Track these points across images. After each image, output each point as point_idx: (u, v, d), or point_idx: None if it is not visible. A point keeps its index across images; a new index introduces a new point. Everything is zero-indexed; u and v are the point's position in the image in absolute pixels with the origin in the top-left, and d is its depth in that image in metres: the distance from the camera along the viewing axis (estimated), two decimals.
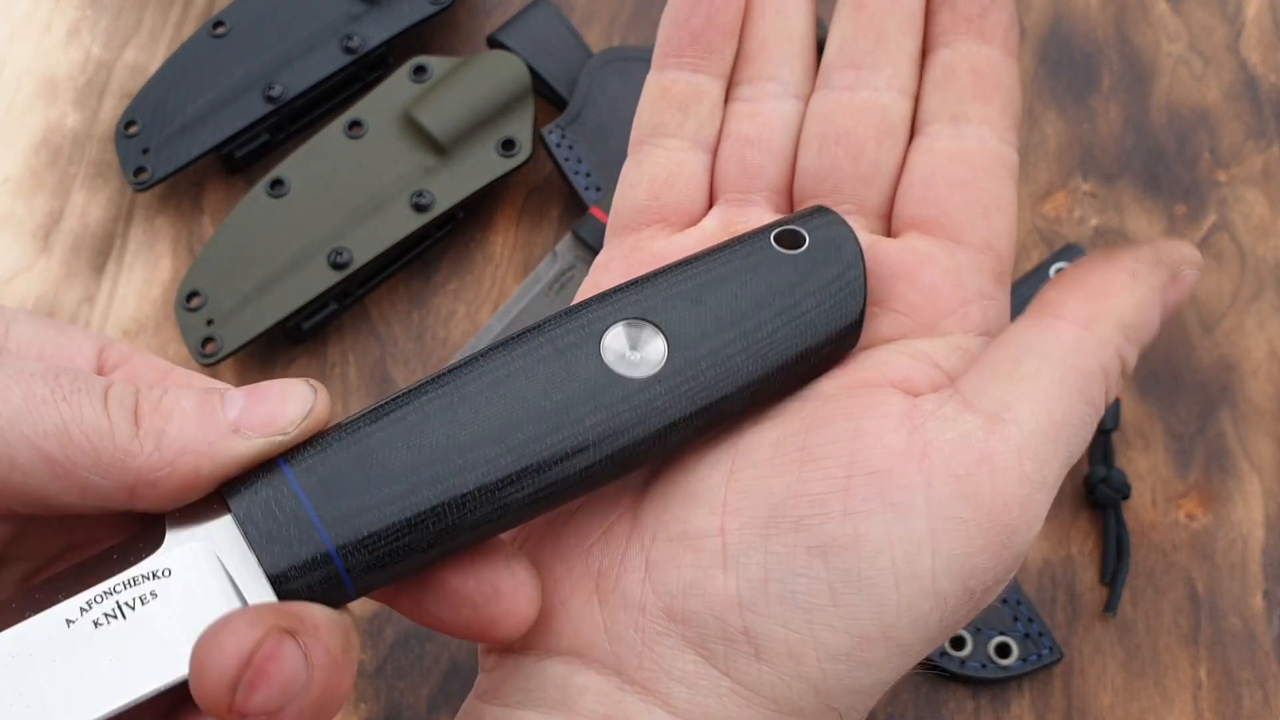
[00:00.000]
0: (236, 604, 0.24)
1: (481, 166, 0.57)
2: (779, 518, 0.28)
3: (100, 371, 0.28)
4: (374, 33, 0.60)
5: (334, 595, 0.25)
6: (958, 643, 0.49)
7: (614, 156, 0.58)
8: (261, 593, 0.24)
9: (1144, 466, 0.53)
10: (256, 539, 0.24)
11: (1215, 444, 0.53)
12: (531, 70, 0.59)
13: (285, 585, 0.25)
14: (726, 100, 0.37)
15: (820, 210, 0.32)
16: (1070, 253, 0.52)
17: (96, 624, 0.23)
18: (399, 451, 0.26)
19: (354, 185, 0.56)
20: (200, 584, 0.24)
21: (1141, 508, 0.52)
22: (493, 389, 0.27)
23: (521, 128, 0.58)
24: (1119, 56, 0.62)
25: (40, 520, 0.26)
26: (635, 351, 0.29)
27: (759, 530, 0.28)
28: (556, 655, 0.29)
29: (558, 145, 0.58)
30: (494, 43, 0.60)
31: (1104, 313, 0.30)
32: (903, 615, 0.28)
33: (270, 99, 0.58)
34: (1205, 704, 0.49)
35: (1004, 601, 0.50)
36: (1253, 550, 0.51)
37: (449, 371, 0.27)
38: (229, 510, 0.25)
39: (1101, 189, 0.59)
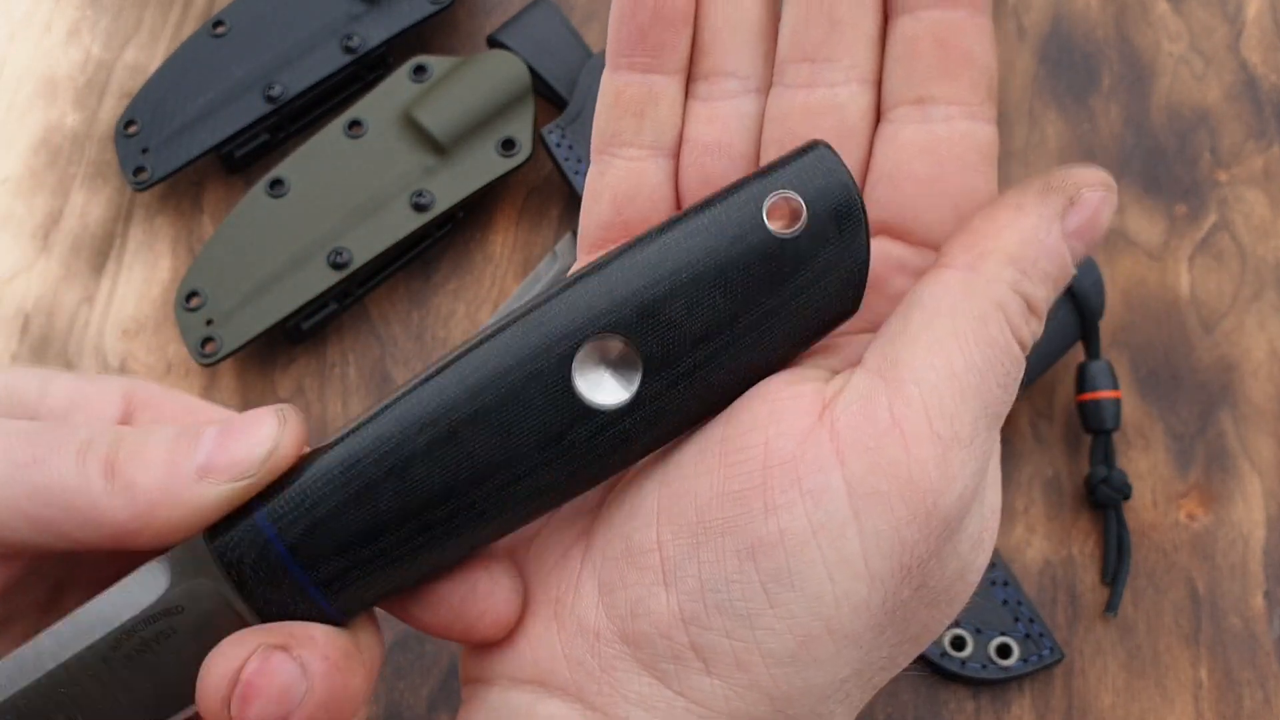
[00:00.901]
0: (248, 621, 0.26)
1: (481, 166, 0.57)
2: (707, 523, 0.27)
3: (127, 414, 0.29)
4: (374, 32, 0.60)
5: (323, 620, 0.26)
6: (958, 643, 0.49)
7: None
8: (259, 623, 0.26)
9: (1144, 466, 0.53)
10: (240, 581, 0.25)
11: (1216, 444, 0.53)
12: (531, 70, 0.59)
13: (274, 616, 0.26)
14: (686, 96, 0.35)
15: (817, 152, 0.27)
16: None
17: (128, 657, 0.25)
18: (357, 493, 0.25)
19: (354, 185, 0.56)
20: (212, 617, 0.26)
21: (1142, 508, 0.52)
22: (450, 426, 0.25)
23: (521, 127, 0.58)
24: (1119, 56, 0.62)
25: (43, 557, 0.27)
26: (607, 372, 0.26)
27: (690, 539, 0.28)
28: (522, 684, 0.29)
29: (558, 145, 0.58)
30: (494, 42, 0.60)
31: (989, 251, 0.29)
32: (841, 605, 0.27)
33: (270, 99, 0.58)
34: (1206, 704, 0.49)
35: (1004, 602, 0.50)
36: (1253, 550, 0.51)
37: (415, 393, 0.26)
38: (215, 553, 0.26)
39: None
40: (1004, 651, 0.49)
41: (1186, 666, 0.50)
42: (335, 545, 0.25)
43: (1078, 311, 0.51)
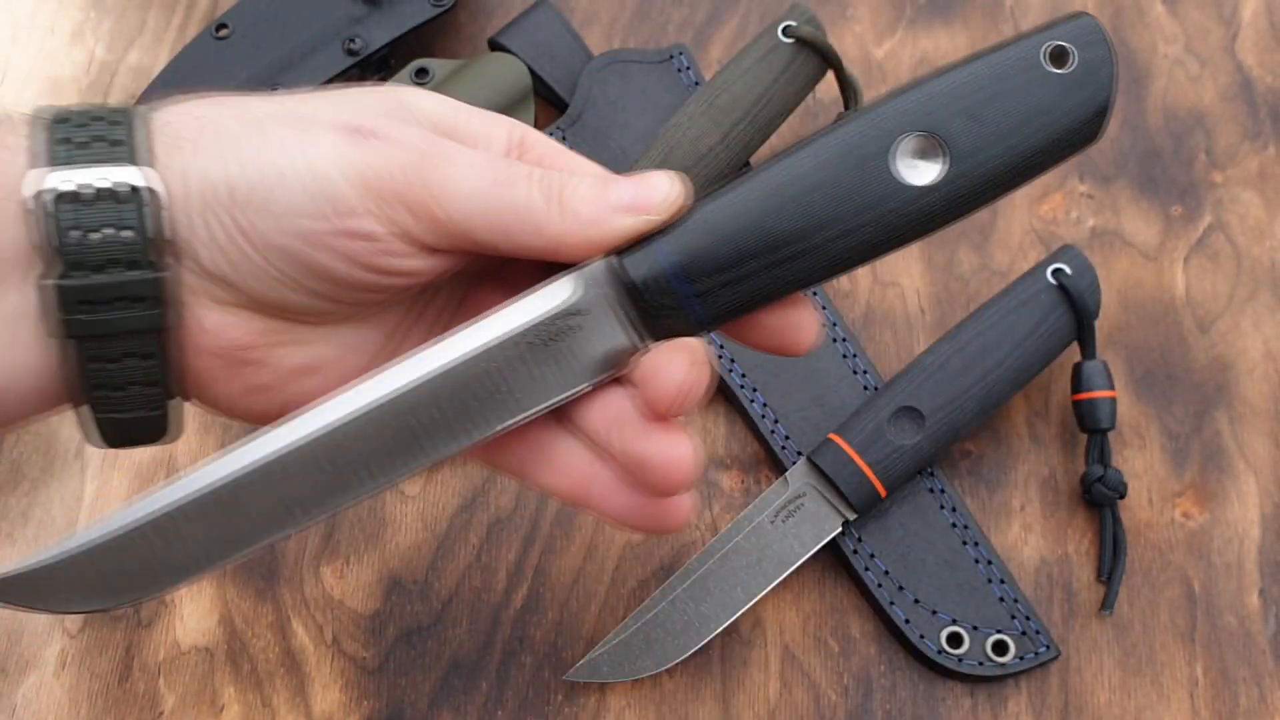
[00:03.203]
0: (625, 337, 0.35)
1: None
2: None
3: (519, 148, 0.37)
4: (376, 35, 0.60)
5: (685, 329, 0.35)
6: (955, 640, 0.49)
7: (615, 158, 0.58)
8: (642, 330, 0.35)
9: (1140, 466, 0.53)
10: (633, 290, 0.35)
11: (1211, 443, 0.54)
12: (532, 72, 0.59)
13: (658, 323, 0.35)
14: None
15: (1083, 21, 0.34)
16: (1067, 254, 0.52)
17: (545, 344, 0.34)
18: (736, 230, 0.34)
19: None
20: (604, 320, 0.35)
21: (1138, 506, 0.53)
22: (801, 187, 0.34)
23: None
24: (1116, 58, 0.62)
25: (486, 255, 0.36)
26: (921, 160, 0.34)
27: None
28: None
29: None
30: (495, 45, 0.61)
31: None
32: None
33: None
34: (1202, 701, 0.49)
35: (1001, 600, 0.50)
36: (1249, 549, 0.52)
37: (774, 164, 0.35)
38: (620, 268, 0.35)
39: (1098, 190, 0.59)
40: (1000, 649, 0.49)
41: (1182, 664, 0.50)
42: (711, 268, 0.34)
43: (1073, 312, 0.51)
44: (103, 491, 0.53)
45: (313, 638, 0.50)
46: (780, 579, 0.49)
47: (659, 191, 0.35)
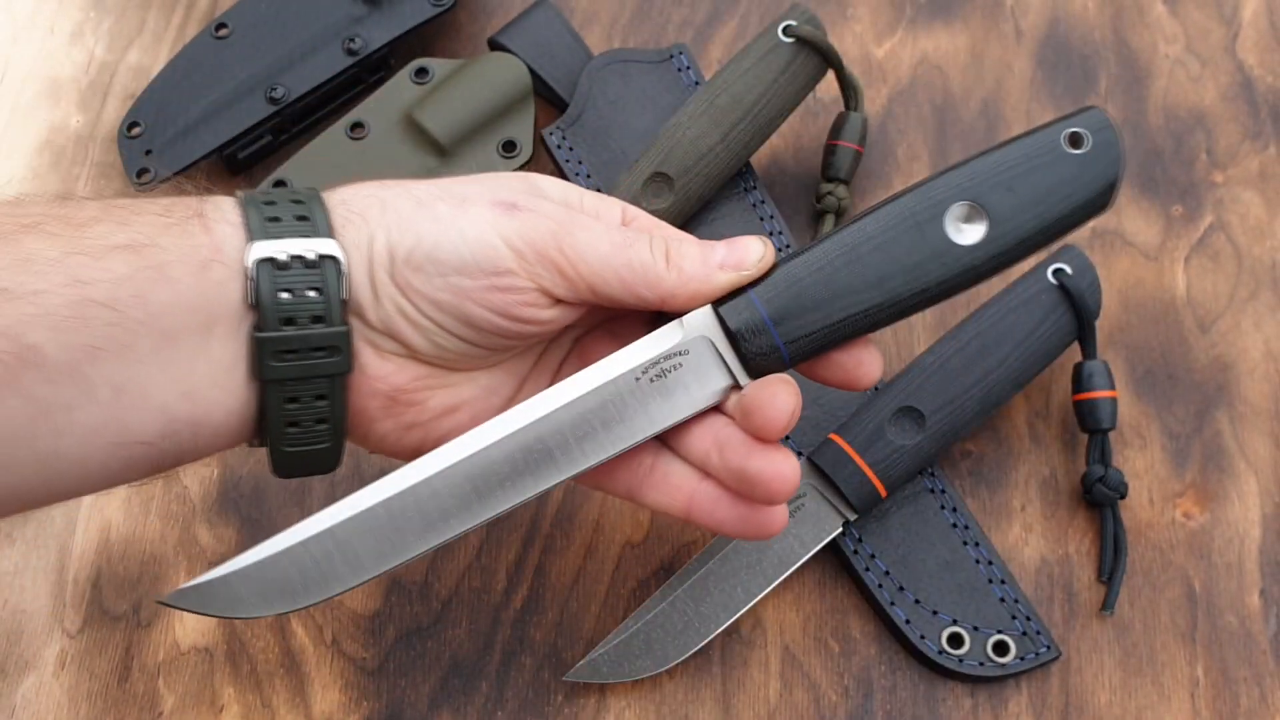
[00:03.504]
0: (725, 373, 0.41)
1: (482, 168, 0.57)
2: None
3: (626, 223, 0.44)
4: (376, 35, 0.60)
5: (781, 358, 0.41)
6: (956, 641, 0.49)
7: (614, 158, 0.58)
8: (737, 367, 0.41)
9: (1141, 466, 0.53)
10: (730, 335, 0.41)
11: (1212, 443, 0.54)
12: (532, 72, 0.59)
13: (751, 362, 0.41)
14: None
15: (1093, 113, 0.41)
16: (1068, 253, 0.52)
17: (652, 380, 0.41)
18: (815, 283, 0.41)
19: None
20: (704, 359, 0.41)
21: (1139, 506, 0.53)
22: (869, 247, 0.41)
23: (522, 129, 0.58)
24: (1116, 58, 0.62)
25: (604, 309, 0.43)
26: (967, 224, 0.41)
27: None
28: None
29: (558, 147, 0.58)
30: (495, 45, 0.61)
31: None
32: None
33: (273, 100, 0.58)
34: (1202, 701, 0.49)
35: (1001, 600, 0.50)
36: (1249, 549, 0.52)
37: (844, 229, 0.41)
38: (719, 316, 0.41)
39: None
40: (1001, 649, 0.49)
41: (1183, 664, 0.50)
42: (796, 315, 0.41)
43: (1074, 312, 0.51)
44: (102, 495, 0.53)
45: (312, 638, 0.50)
46: (780, 579, 0.49)
47: (753, 253, 0.42)
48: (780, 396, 0.40)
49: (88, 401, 0.36)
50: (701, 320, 0.41)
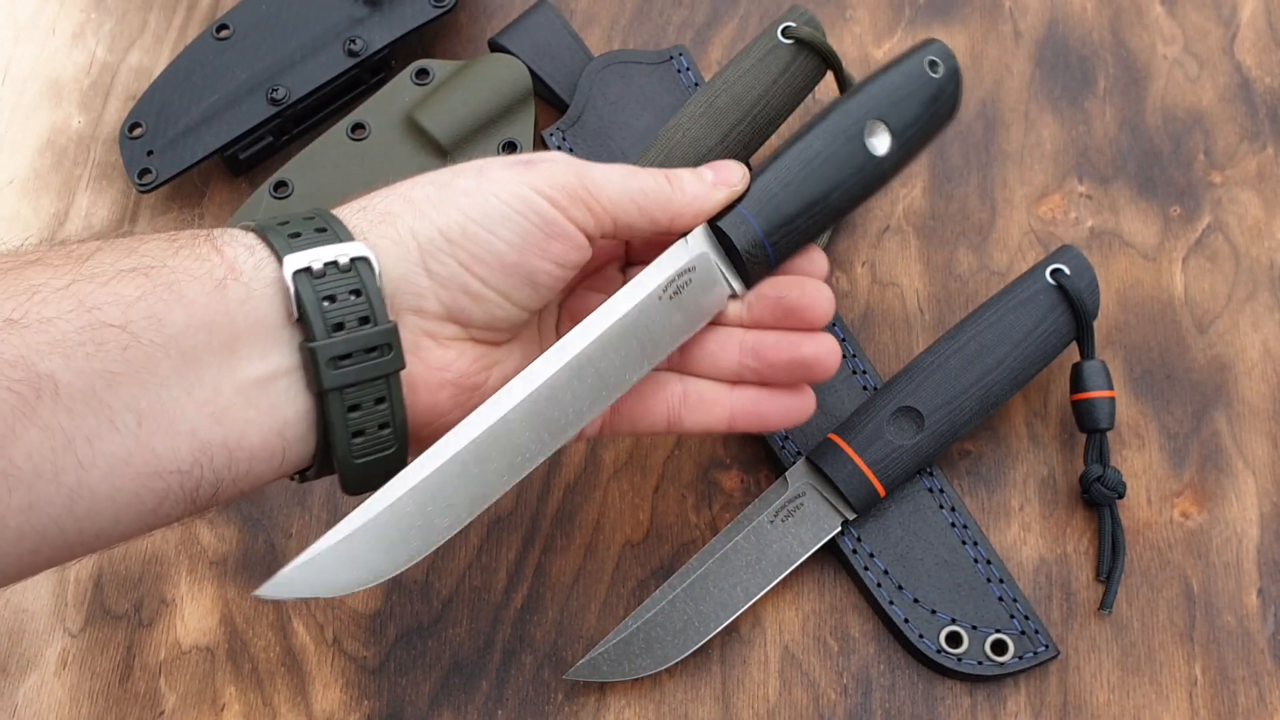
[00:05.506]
0: (725, 284, 0.46)
1: None
2: None
3: None
4: (377, 36, 0.60)
5: (769, 263, 0.46)
6: (954, 640, 0.49)
7: (614, 158, 0.58)
8: (733, 277, 0.46)
9: (1139, 465, 0.53)
10: (727, 246, 0.46)
11: (1210, 443, 0.54)
12: (532, 73, 0.60)
13: (748, 268, 0.46)
14: None
15: (937, 45, 0.49)
16: (1066, 254, 0.52)
17: (671, 296, 0.45)
18: (787, 195, 0.46)
19: (357, 187, 0.56)
20: (709, 273, 0.46)
21: (1137, 506, 0.53)
22: (819, 161, 0.47)
23: (522, 130, 0.58)
24: (1114, 59, 0.62)
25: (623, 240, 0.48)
26: (875, 138, 0.47)
27: None
28: None
29: (558, 147, 0.58)
30: (495, 46, 0.61)
31: None
32: None
33: (274, 101, 0.59)
34: (1200, 701, 0.49)
35: (1000, 599, 0.50)
36: (1247, 548, 0.52)
37: (794, 147, 0.47)
38: (718, 232, 0.46)
39: (1097, 191, 0.59)
40: (999, 648, 0.49)
41: (1181, 664, 0.50)
42: (778, 223, 0.46)
43: (1073, 312, 0.51)
44: None
45: (313, 637, 0.51)
46: (780, 579, 0.49)
47: (736, 172, 0.46)
48: (820, 291, 0.46)
49: (110, 430, 0.35)
50: (700, 238, 0.46)
